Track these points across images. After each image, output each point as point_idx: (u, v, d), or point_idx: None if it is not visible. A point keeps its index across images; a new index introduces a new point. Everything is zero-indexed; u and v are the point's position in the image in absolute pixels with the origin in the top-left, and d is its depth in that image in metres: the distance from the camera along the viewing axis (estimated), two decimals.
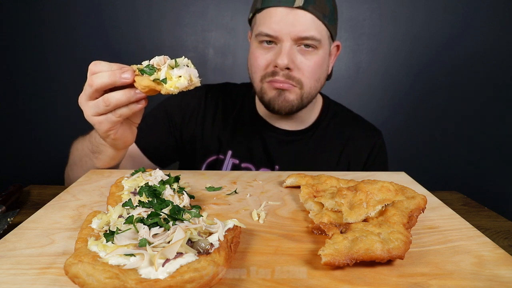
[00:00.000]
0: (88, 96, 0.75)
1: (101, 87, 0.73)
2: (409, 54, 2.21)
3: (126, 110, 0.75)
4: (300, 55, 1.05)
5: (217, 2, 2.11)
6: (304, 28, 1.01)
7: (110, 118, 0.76)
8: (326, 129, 1.25)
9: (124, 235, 0.44)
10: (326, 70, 1.14)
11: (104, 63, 0.74)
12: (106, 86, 0.73)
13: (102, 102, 0.73)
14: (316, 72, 1.08)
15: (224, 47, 2.18)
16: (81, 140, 1.02)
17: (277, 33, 1.02)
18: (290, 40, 1.02)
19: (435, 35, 2.17)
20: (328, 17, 1.05)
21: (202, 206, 0.68)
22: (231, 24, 2.14)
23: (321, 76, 1.12)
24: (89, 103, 0.76)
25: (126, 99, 0.73)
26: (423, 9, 2.14)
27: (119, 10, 2.07)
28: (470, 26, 2.15)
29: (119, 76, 0.71)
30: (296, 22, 1.00)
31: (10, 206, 0.79)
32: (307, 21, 1.01)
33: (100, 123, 0.77)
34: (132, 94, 0.73)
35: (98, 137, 0.88)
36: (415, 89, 2.26)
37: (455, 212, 0.68)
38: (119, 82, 0.72)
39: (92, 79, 0.73)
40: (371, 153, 1.24)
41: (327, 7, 1.04)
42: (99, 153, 0.91)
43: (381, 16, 2.15)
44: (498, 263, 0.50)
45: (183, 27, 2.13)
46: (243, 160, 1.19)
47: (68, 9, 2.05)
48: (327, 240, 0.49)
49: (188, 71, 0.70)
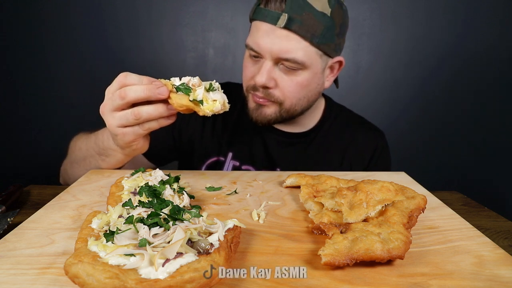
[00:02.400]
0: (115, 107, 0.74)
1: (134, 101, 0.72)
2: (409, 54, 2.21)
3: (155, 124, 0.75)
4: (282, 74, 1.01)
5: (217, 2, 2.11)
6: (285, 50, 0.95)
7: (136, 131, 0.76)
8: (328, 131, 1.23)
9: (124, 235, 0.44)
10: (315, 89, 1.08)
11: (134, 75, 0.74)
12: (139, 100, 0.72)
13: (132, 115, 0.73)
14: (300, 92, 1.04)
15: (224, 47, 2.18)
16: (84, 138, 1.01)
17: (260, 49, 0.98)
18: (270, 58, 0.98)
19: (435, 35, 2.17)
20: (321, 36, 0.97)
21: (202, 206, 0.68)
22: (231, 24, 2.14)
23: (308, 94, 1.07)
24: (115, 114, 0.74)
25: (157, 114, 0.73)
26: (423, 9, 2.14)
27: (119, 10, 2.07)
28: (470, 26, 2.15)
29: (154, 92, 0.71)
30: (277, 41, 0.95)
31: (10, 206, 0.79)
32: (290, 42, 0.95)
33: (124, 134, 0.76)
34: (164, 109, 0.73)
35: (107, 141, 0.88)
36: (415, 89, 2.26)
37: (455, 212, 0.68)
38: (154, 98, 0.71)
39: (125, 92, 0.72)
40: (373, 155, 1.22)
41: (319, 26, 0.95)
42: (106, 156, 0.90)
43: (381, 16, 2.15)
44: (498, 263, 0.50)
45: (183, 27, 2.13)
46: (243, 162, 1.18)
47: (68, 9, 2.05)
48: (327, 240, 0.49)
49: (222, 96, 0.74)
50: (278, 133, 1.20)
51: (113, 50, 2.12)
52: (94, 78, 2.14)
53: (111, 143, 0.86)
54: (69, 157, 1.05)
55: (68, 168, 1.04)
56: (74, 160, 1.02)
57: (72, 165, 1.02)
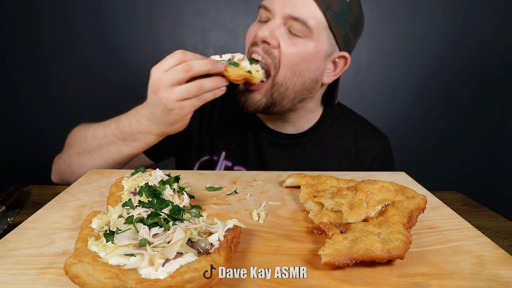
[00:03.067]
0: (177, 81, 0.80)
1: (199, 73, 0.81)
2: (409, 54, 2.21)
3: (211, 95, 0.85)
4: (285, 36, 0.95)
5: (217, 2, 2.11)
6: (298, 9, 0.93)
7: (194, 103, 0.84)
8: (326, 133, 1.17)
9: (124, 235, 0.44)
10: (313, 71, 1.00)
11: (190, 53, 0.83)
12: (203, 73, 0.81)
13: (195, 87, 0.81)
14: (297, 64, 0.96)
15: (224, 47, 2.18)
16: (97, 127, 0.99)
17: (272, 6, 0.95)
18: (280, 17, 0.94)
19: (435, 35, 2.17)
20: (335, 13, 0.95)
21: (202, 206, 0.68)
22: (231, 24, 2.14)
23: (305, 74, 0.99)
24: (174, 88, 0.81)
25: (215, 85, 0.84)
26: (423, 9, 2.14)
27: (119, 10, 2.07)
28: (471, 26, 2.15)
29: (215, 66, 0.82)
30: (292, 2, 0.93)
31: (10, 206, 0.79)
32: (305, 5, 0.93)
33: (182, 108, 0.83)
34: (221, 81, 0.85)
35: (136, 125, 0.90)
36: (414, 89, 2.26)
37: (455, 212, 0.68)
38: (214, 71, 0.82)
39: (190, 66, 0.80)
40: (373, 160, 1.16)
41: (336, 3, 0.94)
42: (133, 141, 0.93)
43: (381, 16, 2.15)
44: (498, 263, 0.50)
45: (183, 27, 2.13)
46: (236, 162, 1.15)
47: (68, 9, 2.05)
48: (327, 240, 0.49)
49: (263, 66, 0.95)
50: (272, 133, 1.16)
51: (113, 50, 2.12)
52: (94, 78, 2.13)
53: (143, 126, 0.90)
54: (73, 148, 1.01)
55: (74, 160, 1.00)
56: (84, 151, 0.98)
57: (80, 156, 0.99)
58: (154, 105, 0.85)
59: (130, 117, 0.92)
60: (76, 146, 1.02)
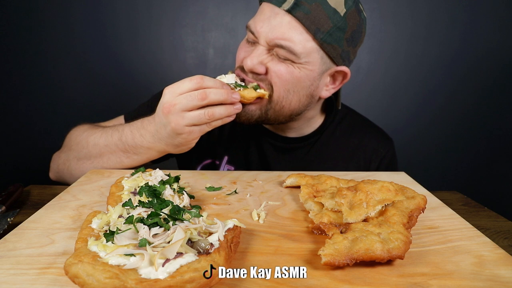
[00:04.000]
0: (190, 107, 0.79)
1: (214, 102, 0.80)
2: (409, 54, 2.21)
3: (220, 122, 0.83)
4: (272, 62, 0.93)
5: (217, 2, 2.11)
6: (282, 36, 0.88)
7: (203, 129, 0.82)
8: (331, 136, 1.14)
9: (124, 235, 0.44)
10: (308, 88, 0.97)
11: (209, 78, 0.81)
12: (218, 102, 0.80)
13: (206, 116, 0.79)
14: (289, 83, 0.93)
15: (224, 47, 2.18)
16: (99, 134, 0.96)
17: (256, 31, 0.92)
18: (265, 44, 0.91)
19: (435, 35, 2.17)
20: (327, 34, 0.89)
21: (202, 206, 0.68)
22: (231, 24, 2.14)
23: (300, 92, 0.96)
24: (186, 114, 0.79)
25: (226, 114, 0.82)
26: (423, 9, 2.14)
27: (119, 10, 2.07)
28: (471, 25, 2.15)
29: (230, 96, 0.81)
30: (277, 26, 0.88)
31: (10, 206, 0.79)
32: (290, 30, 0.88)
33: (190, 132, 0.81)
34: (232, 109, 0.82)
35: (139, 139, 0.89)
36: (414, 89, 2.26)
37: (455, 212, 0.68)
38: (229, 101, 0.81)
39: (206, 94, 0.78)
40: (380, 163, 1.14)
41: (327, 22, 0.88)
42: (135, 154, 0.91)
43: (381, 16, 2.15)
44: (498, 263, 0.50)
45: (183, 27, 2.13)
46: (238, 167, 1.14)
47: (68, 9, 2.05)
48: (327, 240, 0.49)
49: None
50: (275, 137, 1.13)
51: (113, 50, 2.12)
52: (94, 78, 2.14)
53: (146, 142, 0.89)
54: (73, 152, 1.00)
55: (73, 164, 0.99)
56: (84, 157, 0.97)
57: (80, 161, 0.98)
58: (161, 125, 0.83)
59: (134, 130, 0.91)
60: (76, 150, 1.00)
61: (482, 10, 2.13)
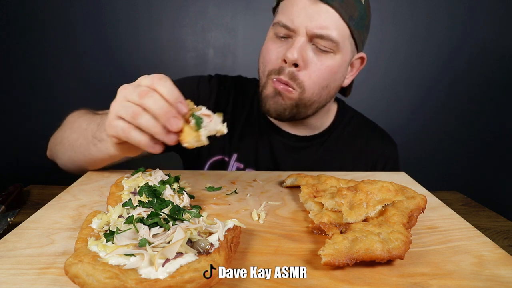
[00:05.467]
0: (128, 99, 0.61)
1: (150, 110, 0.59)
2: (409, 54, 2.21)
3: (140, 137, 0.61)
4: (312, 54, 0.94)
5: (217, 2, 2.11)
6: (323, 25, 0.90)
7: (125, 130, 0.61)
8: (339, 137, 1.16)
9: (124, 235, 0.44)
10: (339, 80, 1.02)
11: (169, 84, 0.60)
12: (153, 114, 0.59)
13: (130, 110, 0.60)
14: (326, 79, 0.97)
15: (224, 47, 2.18)
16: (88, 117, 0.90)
17: (294, 24, 0.92)
18: (305, 35, 0.92)
19: (435, 35, 2.17)
20: (356, 21, 0.94)
21: (202, 206, 0.68)
22: (231, 24, 2.14)
23: (331, 85, 1.00)
24: (120, 95, 0.63)
25: (153, 132, 0.60)
26: (423, 9, 2.14)
27: (119, 10, 2.07)
28: (471, 25, 2.15)
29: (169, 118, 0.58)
30: (315, 16, 0.90)
31: (10, 206, 0.79)
32: (329, 17, 0.90)
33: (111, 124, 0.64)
34: (160, 131, 0.60)
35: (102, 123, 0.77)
36: (414, 89, 2.26)
37: (455, 212, 0.68)
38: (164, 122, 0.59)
39: (148, 95, 0.59)
40: (385, 166, 1.16)
41: (356, 10, 0.93)
42: (100, 141, 0.77)
43: (381, 16, 2.15)
44: (498, 263, 0.50)
45: (183, 27, 2.13)
46: (248, 165, 1.14)
47: (68, 9, 2.05)
48: (327, 240, 0.49)
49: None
50: (285, 136, 1.14)
51: (112, 50, 2.12)
52: (94, 78, 2.14)
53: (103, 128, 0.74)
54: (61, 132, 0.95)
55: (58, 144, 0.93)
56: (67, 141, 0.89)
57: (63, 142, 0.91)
58: None
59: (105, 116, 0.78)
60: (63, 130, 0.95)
61: (482, 10, 2.13)
